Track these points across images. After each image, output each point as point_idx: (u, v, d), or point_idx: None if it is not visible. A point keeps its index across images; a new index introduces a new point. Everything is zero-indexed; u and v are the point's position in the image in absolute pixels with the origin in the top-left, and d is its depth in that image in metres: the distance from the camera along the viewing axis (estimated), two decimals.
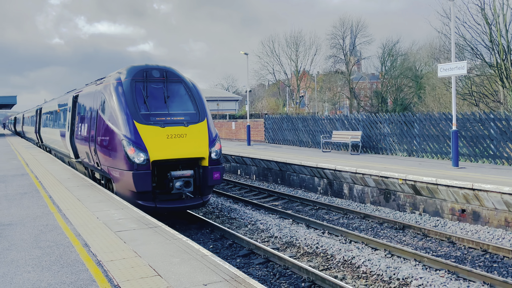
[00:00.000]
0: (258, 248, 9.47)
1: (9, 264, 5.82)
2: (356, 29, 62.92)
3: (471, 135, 15.70)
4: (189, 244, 6.57)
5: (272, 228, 11.41)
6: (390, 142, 18.92)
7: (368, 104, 63.65)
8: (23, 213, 8.77)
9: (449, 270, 8.12)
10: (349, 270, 8.53)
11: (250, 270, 8.57)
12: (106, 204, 9.52)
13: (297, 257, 9.35)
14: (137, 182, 10.40)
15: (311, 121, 23.80)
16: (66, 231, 7.38)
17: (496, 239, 9.99)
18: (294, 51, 66.56)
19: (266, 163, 19.13)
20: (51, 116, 23.63)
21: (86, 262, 5.80)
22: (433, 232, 10.48)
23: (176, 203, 11.09)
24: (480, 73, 31.85)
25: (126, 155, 10.54)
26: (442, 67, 14.69)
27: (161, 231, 7.32)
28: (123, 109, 11.00)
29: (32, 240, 6.90)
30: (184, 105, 11.75)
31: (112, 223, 7.88)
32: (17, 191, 11.23)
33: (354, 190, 14.66)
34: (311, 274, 7.88)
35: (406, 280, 7.80)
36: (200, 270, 5.45)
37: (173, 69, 12.11)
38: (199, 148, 11.20)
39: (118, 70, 12.38)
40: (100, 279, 5.21)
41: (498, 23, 28.15)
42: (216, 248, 10.03)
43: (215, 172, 11.34)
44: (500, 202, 10.46)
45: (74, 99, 16.50)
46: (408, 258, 8.93)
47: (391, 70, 58.00)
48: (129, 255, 6.09)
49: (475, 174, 12.46)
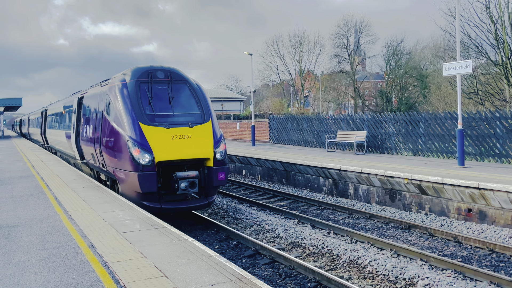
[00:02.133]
0: (263, 248, 9.47)
1: (16, 265, 5.85)
2: (360, 29, 62.74)
3: (476, 134, 15.62)
4: (195, 245, 6.58)
5: (278, 228, 11.40)
6: (395, 141, 18.85)
7: (373, 103, 63.44)
8: (29, 214, 8.82)
9: (456, 270, 8.08)
10: (355, 270, 8.50)
11: (255, 270, 8.57)
12: (111, 205, 9.54)
13: (303, 257, 9.33)
14: (142, 183, 10.43)
15: (316, 121, 23.76)
16: (72, 232, 7.40)
17: (503, 238, 9.93)
18: (298, 51, 66.49)
19: (271, 163, 19.12)
20: (56, 118, 23.72)
21: (92, 263, 5.82)
22: (439, 232, 10.43)
23: (181, 204, 11.10)
24: (486, 71, 31.66)
25: (132, 156, 10.57)
26: (447, 66, 14.63)
27: (166, 232, 7.33)
28: (128, 110, 11.03)
29: (38, 241, 6.93)
30: (189, 106, 11.77)
31: (118, 224, 7.90)
32: (23, 193, 11.28)
33: (359, 190, 14.62)
34: (317, 274, 7.86)
35: (412, 280, 7.77)
36: (206, 271, 5.46)
37: (178, 70, 12.12)
38: (204, 149, 11.21)
39: (123, 71, 12.41)
40: (107, 280, 5.23)
41: (503, 21, 27.98)
42: (222, 248, 10.03)
43: (220, 173, 11.35)
44: (506, 201, 10.40)
45: (79, 100, 16.56)
46: (414, 258, 8.90)
47: (396, 69, 57.78)
48: (135, 256, 6.10)
49: (481, 173, 12.39)
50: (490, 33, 28.67)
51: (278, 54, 67.92)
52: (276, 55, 67.98)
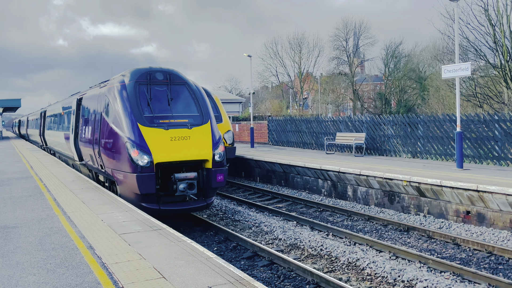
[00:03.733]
0: (262, 250, 9.46)
1: (15, 266, 5.84)
2: (359, 31, 62.89)
3: (475, 136, 15.64)
4: (194, 247, 6.58)
5: (276, 230, 11.40)
6: (394, 143, 18.87)
7: (372, 105, 63.50)
8: (28, 215, 8.80)
9: (454, 272, 8.09)
10: (354, 272, 8.51)
11: (254, 272, 8.57)
12: (110, 207, 9.54)
13: (302, 259, 9.33)
14: (141, 185, 10.42)
15: (315, 123, 23.78)
16: (71, 233, 7.40)
17: (501, 240, 9.94)
18: (297, 53, 66.62)
19: (269, 165, 19.12)
20: (55, 119, 23.72)
21: (91, 265, 5.81)
22: (438, 234, 10.44)
23: (180, 205, 11.10)
24: (484, 74, 31.69)
25: (130, 158, 10.56)
26: (446, 68, 14.66)
27: (165, 234, 7.33)
28: (127, 111, 11.03)
29: (37, 242, 6.92)
30: (188, 108, 11.78)
31: (116, 225, 7.90)
32: (22, 194, 11.26)
33: (358, 192, 14.63)
34: (315, 276, 7.86)
35: (411, 282, 7.77)
36: (204, 273, 5.45)
37: (177, 72, 12.14)
38: (203, 150, 11.22)
39: (122, 72, 12.42)
40: (105, 281, 5.22)
41: (502, 24, 28.04)
42: (220, 250, 10.02)
43: (219, 174, 11.35)
44: (505, 203, 10.41)
45: (78, 102, 16.56)
46: (413, 260, 8.91)
47: (395, 72, 57.88)
48: (133, 257, 6.09)
49: (480, 176, 12.41)
50: (488, 35, 28.73)
51: (277, 56, 68.06)
52: (275, 57, 68.13)
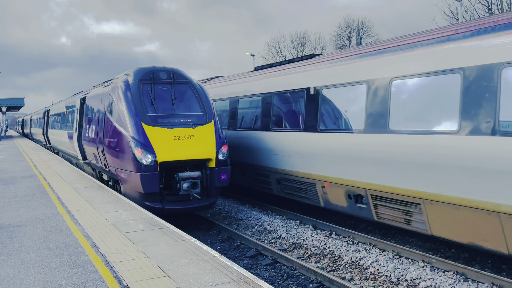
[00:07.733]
0: (265, 249, 9.48)
1: (20, 264, 5.88)
2: (361, 30, 62.81)
3: None
4: (198, 245, 6.60)
5: (279, 229, 11.42)
6: None
7: None
8: (32, 214, 8.85)
9: (458, 271, 8.08)
10: (357, 271, 8.51)
11: (257, 271, 8.58)
12: (114, 206, 9.57)
13: (305, 258, 9.34)
14: (144, 184, 10.45)
15: None
16: (75, 232, 7.43)
17: None
18: (300, 52, 66.57)
19: None
20: (58, 118, 23.79)
21: (95, 263, 5.84)
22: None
23: (184, 204, 11.12)
24: None
25: (134, 157, 10.59)
26: None
27: (169, 232, 7.35)
28: (130, 111, 11.06)
29: (41, 241, 6.96)
30: (191, 107, 11.80)
31: (120, 224, 7.93)
32: (26, 193, 11.32)
33: None
34: (318, 275, 7.87)
35: (414, 281, 7.77)
36: (208, 271, 5.48)
37: (180, 71, 12.16)
38: (206, 150, 11.23)
39: (126, 72, 12.45)
40: (110, 280, 5.25)
41: None
42: (224, 249, 10.05)
43: (222, 174, 11.37)
44: None
45: (81, 101, 16.61)
46: (416, 259, 8.90)
47: None
48: (138, 256, 6.12)
49: None
50: None
51: (280, 55, 67.99)
52: (278, 56, 68.05)
